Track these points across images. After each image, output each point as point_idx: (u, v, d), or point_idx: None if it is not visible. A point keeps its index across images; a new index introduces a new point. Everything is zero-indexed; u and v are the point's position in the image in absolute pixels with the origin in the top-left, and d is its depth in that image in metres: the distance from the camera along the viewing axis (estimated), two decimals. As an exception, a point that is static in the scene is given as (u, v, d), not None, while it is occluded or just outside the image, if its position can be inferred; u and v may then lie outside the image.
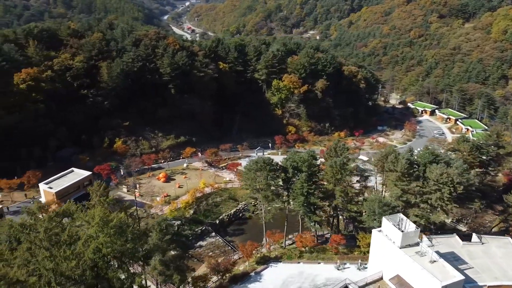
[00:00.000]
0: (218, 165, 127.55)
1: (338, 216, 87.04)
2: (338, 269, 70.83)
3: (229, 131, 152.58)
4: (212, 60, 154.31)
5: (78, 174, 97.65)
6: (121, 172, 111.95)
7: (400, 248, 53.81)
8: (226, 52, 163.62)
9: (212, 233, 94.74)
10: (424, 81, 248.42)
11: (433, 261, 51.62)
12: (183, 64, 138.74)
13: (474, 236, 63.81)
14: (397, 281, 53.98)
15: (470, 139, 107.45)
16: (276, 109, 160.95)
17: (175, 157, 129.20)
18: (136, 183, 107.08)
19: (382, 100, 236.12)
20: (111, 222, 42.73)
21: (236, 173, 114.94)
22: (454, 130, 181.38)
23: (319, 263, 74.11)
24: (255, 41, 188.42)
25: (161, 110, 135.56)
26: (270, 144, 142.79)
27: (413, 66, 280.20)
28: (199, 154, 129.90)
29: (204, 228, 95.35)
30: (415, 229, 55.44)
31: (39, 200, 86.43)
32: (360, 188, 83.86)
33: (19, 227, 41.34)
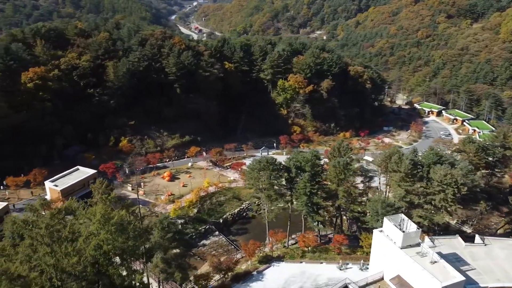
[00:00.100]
0: (223, 164, 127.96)
1: (342, 216, 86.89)
2: (340, 269, 70.81)
3: (234, 130, 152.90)
4: (218, 60, 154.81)
5: (83, 172, 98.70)
6: (125, 171, 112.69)
7: (401, 248, 53.67)
8: (231, 52, 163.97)
9: (216, 232, 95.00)
10: (431, 82, 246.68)
11: (434, 262, 51.41)
12: (188, 64, 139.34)
13: (477, 237, 63.37)
14: (397, 281, 53.84)
15: (476, 140, 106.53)
16: (282, 109, 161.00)
17: (180, 156, 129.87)
18: (140, 182, 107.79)
19: (389, 100, 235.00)
20: (112, 220, 43.15)
21: (240, 173, 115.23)
22: (460, 131, 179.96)
23: (322, 263, 74.14)
24: (261, 41, 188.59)
25: (166, 109, 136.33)
26: (275, 144, 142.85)
27: (420, 66, 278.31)
28: (204, 154, 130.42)
29: (207, 227, 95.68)
30: (416, 229, 55.22)
31: (45, 197, 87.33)
32: (363, 189, 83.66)
33: (22, 224, 41.92)
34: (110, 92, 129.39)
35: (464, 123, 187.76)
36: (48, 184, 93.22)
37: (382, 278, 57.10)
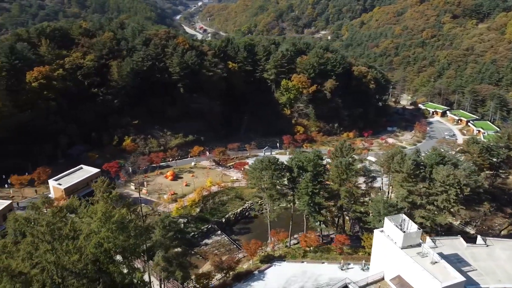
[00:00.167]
0: (226, 164, 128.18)
1: (344, 216, 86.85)
2: (342, 269, 70.71)
3: (237, 130, 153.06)
4: (222, 59, 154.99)
5: (87, 171, 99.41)
6: (129, 169, 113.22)
7: (402, 248, 53.53)
8: (235, 52, 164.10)
9: (218, 231, 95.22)
10: (436, 82, 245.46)
11: (435, 262, 51.26)
12: (192, 64, 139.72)
13: (479, 238, 63.10)
14: (398, 281, 53.73)
15: (480, 141, 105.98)
16: (285, 109, 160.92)
17: (183, 155, 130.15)
18: (144, 181, 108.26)
19: (393, 101, 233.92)
20: (113, 218, 43.45)
21: (243, 172, 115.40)
22: (465, 131, 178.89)
23: (323, 263, 74.08)
24: (265, 40, 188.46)
25: (170, 109, 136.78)
26: (278, 144, 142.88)
27: (425, 67, 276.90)
28: (207, 153, 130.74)
29: (210, 226, 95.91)
30: (416, 229, 55.07)
31: (49, 196, 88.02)
32: (366, 189, 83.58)
33: (24, 221, 42.37)
34: (114, 92, 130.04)
35: (469, 123, 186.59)
36: (52, 182, 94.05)
37: (382, 278, 56.99)
